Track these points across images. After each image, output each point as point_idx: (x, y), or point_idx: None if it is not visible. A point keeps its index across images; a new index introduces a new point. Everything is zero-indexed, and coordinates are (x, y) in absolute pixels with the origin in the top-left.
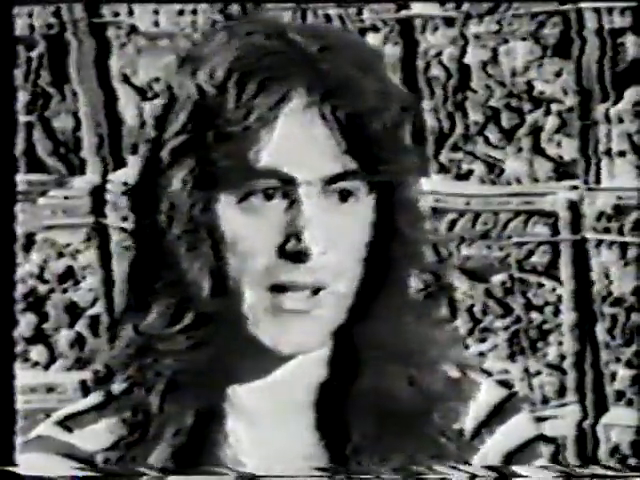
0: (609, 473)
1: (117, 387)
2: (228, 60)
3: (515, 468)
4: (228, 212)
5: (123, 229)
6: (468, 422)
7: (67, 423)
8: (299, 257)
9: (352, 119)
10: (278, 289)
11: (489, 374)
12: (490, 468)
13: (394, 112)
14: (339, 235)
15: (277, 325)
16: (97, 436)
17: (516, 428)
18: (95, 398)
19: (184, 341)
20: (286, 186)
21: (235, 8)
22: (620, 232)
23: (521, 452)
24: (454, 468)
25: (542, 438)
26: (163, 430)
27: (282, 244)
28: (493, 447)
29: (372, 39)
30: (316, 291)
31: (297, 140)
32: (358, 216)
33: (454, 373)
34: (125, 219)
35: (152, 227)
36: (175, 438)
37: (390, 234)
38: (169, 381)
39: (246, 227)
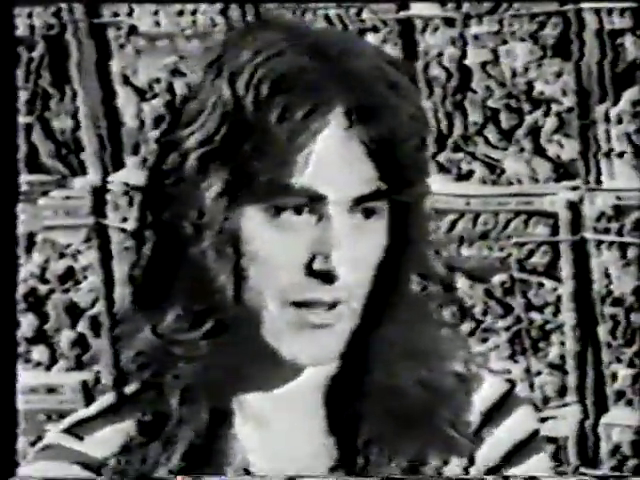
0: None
1: (129, 391)
2: (274, 76)
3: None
4: (256, 225)
5: (123, 230)
6: (473, 416)
7: (75, 430)
8: (326, 277)
9: (385, 141)
10: (300, 305)
11: (493, 372)
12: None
13: (422, 134)
14: (363, 254)
15: (299, 339)
16: (107, 442)
17: (520, 421)
18: (103, 403)
19: (203, 347)
20: (316, 204)
21: (235, 8)
22: (620, 232)
23: (524, 445)
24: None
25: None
26: (177, 433)
27: (309, 262)
28: (497, 440)
29: (372, 39)
30: (333, 305)
31: (333, 161)
32: (378, 234)
33: (460, 369)
34: (125, 219)
35: (169, 230)
36: (188, 441)
37: (401, 242)
38: (186, 384)
39: (273, 242)
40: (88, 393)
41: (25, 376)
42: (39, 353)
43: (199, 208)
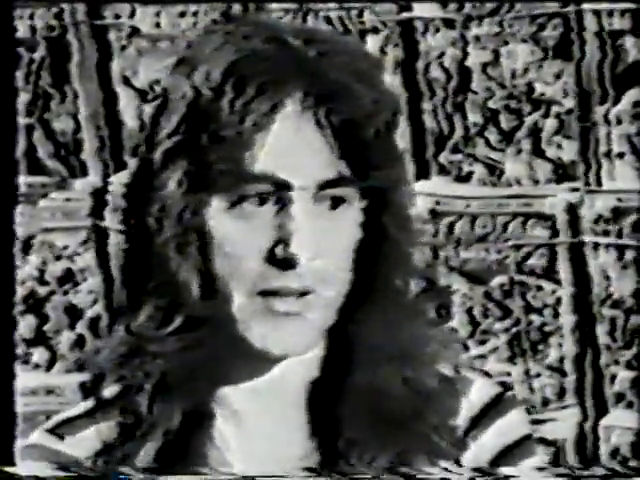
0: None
1: (108, 392)
2: (225, 63)
3: (510, 470)
4: (219, 216)
5: (122, 231)
6: (461, 419)
7: (58, 430)
8: (287, 263)
9: (346, 125)
10: (267, 293)
11: (487, 375)
12: (482, 471)
13: (386, 117)
14: (328, 241)
15: (267, 327)
16: (86, 442)
17: (509, 426)
18: (87, 404)
19: (174, 343)
20: (279, 191)
21: (237, 9)
22: (619, 234)
23: (513, 450)
24: (446, 470)
25: (534, 437)
26: (151, 431)
27: (271, 250)
28: (485, 444)
29: (372, 41)
30: (303, 294)
31: (291, 145)
32: (348, 222)
33: (448, 371)
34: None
35: (143, 228)
36: (162, 439)
37: (380, 238)
38: (158, 382)
39: (236, 231)
40: (88, 394)
41: (24, 378)
42: (38, 355)
43: (161, 200)
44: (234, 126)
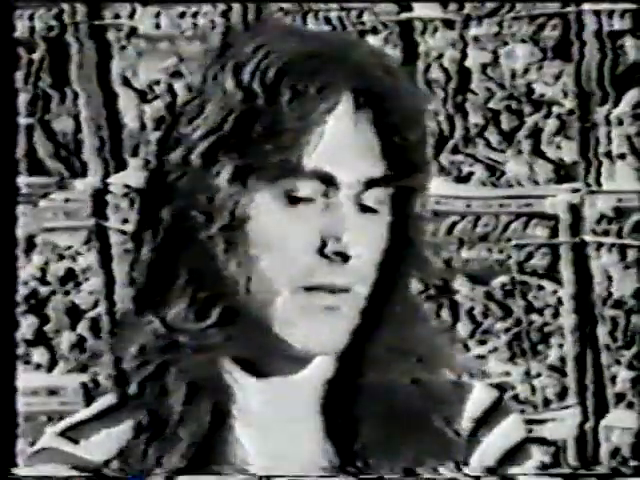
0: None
1: (132, 389)
2: (279, 62)
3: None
4: (268, 210)
5: (123, 231)
6: (464, 423)
7: (71, 434)
8: (338, 258)
9: (391, 125)
10: (312, 289)
11: (486, 376)
12: (491, 471)
13: (425, 121)
14: (369, 239)
15: (309, 324)
16: (103, 445)
17: (508, 430)
18: (100, 405)
19: (212, 336)
20: (328, 187)
21: (237, 10)
22: (620, 235)
23: (513, 453)
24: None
25: (531, 440)
26: (180, 431)
27: (321, 246)
28: (487, 448)
29: (372, 41)
30: (343, 290)
31: (343, 143)
32: (382, 222)
33: (451, 375)
34: (126, 221)
35: (176, 225)
36: (191, 439)
37: (399, 240)
38: (191, 381)
39: (285, 226)
40: (89, 395)
41: (25, 378)
42: (39, 355)
43: (208, 195)
44: (292, 123)
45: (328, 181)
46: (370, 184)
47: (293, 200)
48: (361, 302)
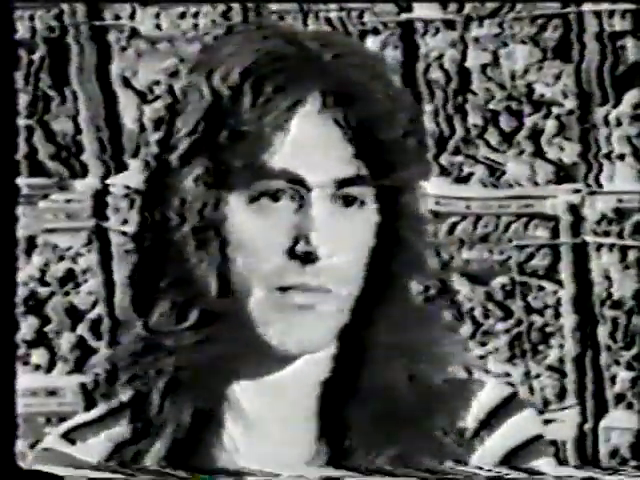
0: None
1: (125, 395)
2: (244, 63)
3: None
4: (238, 212)
5: (124, 232)
6: (470, 421)
7: (71, 435)
8: (308, 258)
9: (364, 125)
10: (286, 289)
11: (494, 376)
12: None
13: (403, 120)
14: (345, 240)
15: (284, 322)
16: (98, 447)
17: (519, 426)
18: (101, 409)
19: (189, 338)
20: (298, 188)
21: (237, 11)
22: (620, 235)
23: (523, 450)
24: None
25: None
26: (161, 429)
27: (291, 246)
28: (494, 445)
29: (373, 42)
30: (319, 290)
31: (310, 143)
32: (363, 222)
33: (460, 374)
34: (126, 222)
35: (160, 225)
36: (172, 437)
37: (393, 239)
38: (170, 379)
39: (256, 227)
40: (88, 396)
41: (25, 379)
42: (39, 356)
43: (181, 196)
44: (254, 123)
45: (298, 182)
46: (343, 184)
47: (264, 201)
48: (346, 302)
